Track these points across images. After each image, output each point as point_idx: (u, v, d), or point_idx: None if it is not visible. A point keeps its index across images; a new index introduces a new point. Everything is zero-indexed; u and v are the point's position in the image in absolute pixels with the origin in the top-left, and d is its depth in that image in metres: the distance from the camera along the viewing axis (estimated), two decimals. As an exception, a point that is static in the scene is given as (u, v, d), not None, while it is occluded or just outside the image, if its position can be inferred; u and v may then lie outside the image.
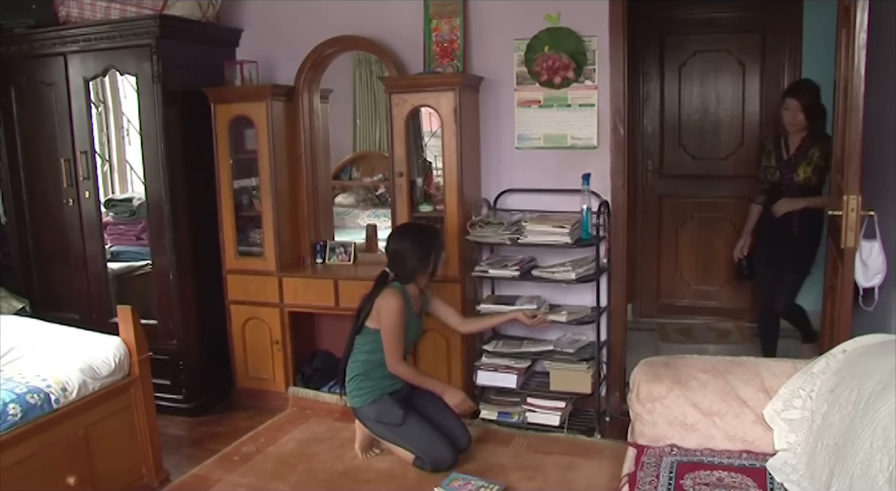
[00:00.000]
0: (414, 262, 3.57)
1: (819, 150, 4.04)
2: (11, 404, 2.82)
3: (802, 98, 4.06)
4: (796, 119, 4.08)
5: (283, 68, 4.53)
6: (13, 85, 4.52)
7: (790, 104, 4.09)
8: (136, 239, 4.92)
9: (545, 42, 3.99)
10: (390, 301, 3.50)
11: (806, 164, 4.07)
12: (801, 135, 4.13)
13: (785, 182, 4.18)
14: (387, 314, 3.49)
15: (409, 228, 3.79)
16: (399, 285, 3.58)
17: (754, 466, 2.48)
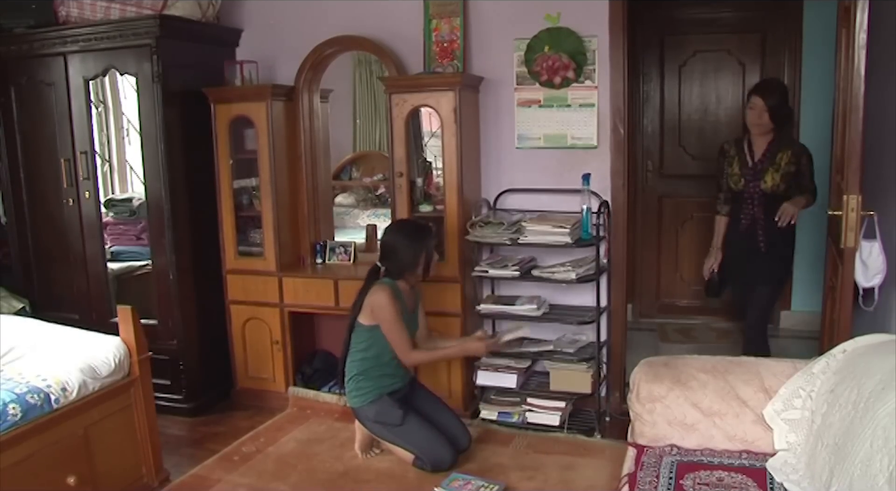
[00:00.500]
0: (405, 258, 3.56)
1: (789, 155, 3.79)
2: (11, 404, 2.82)
3: (768, 97, 3.77)
4: (761, 119, 3.77)
5: (283, 68, 4.53)
6: (13, 85, 4.52)
7: (755, 103, 3.79)
8: (136, 239, 4.92)
9: (545, 42, 3.99)
10: (380, 296, 3.50)
11: (774, 170, 3.78)
12: (766, 138, 3.83)
13: (749, 191, 3.85)
14: (380, 310, 3.49)
15: (406, 224, 3.80)
16: (389, 281, 3.57)
17: (754, 466, 2.48)
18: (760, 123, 3.79)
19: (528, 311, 3.90)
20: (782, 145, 3.82)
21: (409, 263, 3.57)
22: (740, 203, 3.91)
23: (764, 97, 3.76)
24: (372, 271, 3.64)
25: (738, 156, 3.89)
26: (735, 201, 3.95)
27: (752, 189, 3.84)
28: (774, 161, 3.79)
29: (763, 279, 3.96)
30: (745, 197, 3.87)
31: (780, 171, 3.78)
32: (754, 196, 3.84)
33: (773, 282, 4.00)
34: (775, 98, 3.77)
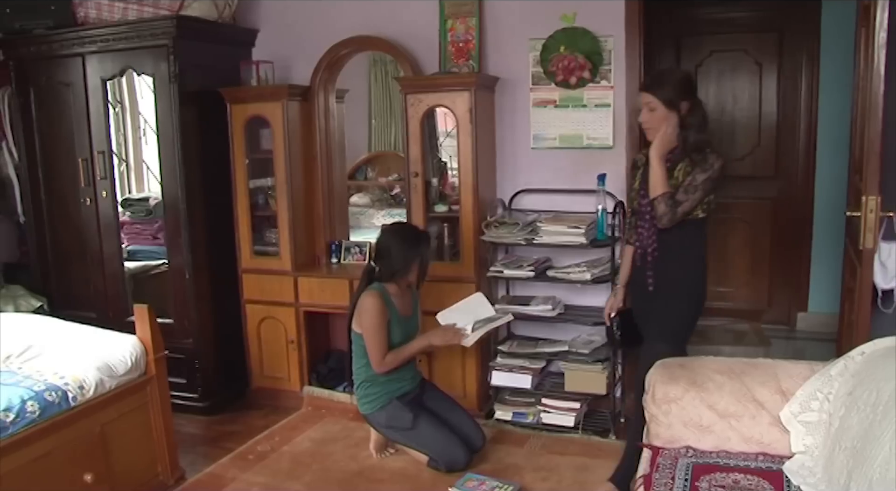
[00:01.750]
0: (397, 262, 3.54)
1: (687, 166, 2.99)
2: (30, 402, 2.85)
3: (659, 91, 2.99)
4: (651, 120, 3.02)
5: (298, 68, 4.54)
6: (32, 85, 4.55)
7: (645, 99, 3.04)
8: (152, 238, 4.95)
9: (561, 42, 3.98)
10: (366, 303, 3.49)
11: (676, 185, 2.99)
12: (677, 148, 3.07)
13: (642, 212, 3.09)
14: (365, 317, 3.49)
15: (402, 228, 3.77)
16: (378, 285, 3.56)
17: (771, 469, 2.46)
18: (651, 126, 3.04)
19: (543, 311, 3.89)
20: (685, 156, 3.02)
21: (401, 268, 3.55)
22: (636, 228, 3.18)
23: (654, 91, 3.01)
24: (367, 271, 3.65)
25: (643, 167, 3.15)
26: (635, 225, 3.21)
27: (644, 209, 3.09)
28: (673, 175, 3.00)
29: (649, 331, 3.17)
30: (640, 220, 3.13)
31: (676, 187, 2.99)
32: (648, 220, 3.08)
33: (662, 337, 3.07)
34: (669, 92, 2.99)
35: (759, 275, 5.55)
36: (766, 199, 5.49)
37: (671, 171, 3.00)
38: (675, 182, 2.98)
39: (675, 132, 3.00)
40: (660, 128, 2.99)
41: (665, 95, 2.98)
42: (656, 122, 3.00)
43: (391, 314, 3.53)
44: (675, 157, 3.02)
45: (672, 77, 3.10)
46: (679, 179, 2.98)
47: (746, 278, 5.59)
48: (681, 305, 3.10)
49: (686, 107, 3.00)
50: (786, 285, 5.48)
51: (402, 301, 3.62)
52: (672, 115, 2.99)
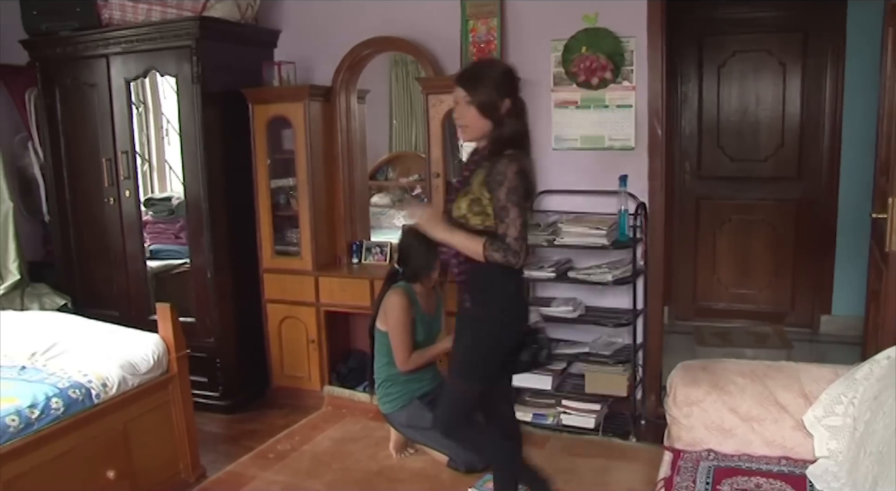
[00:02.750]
0: (419, 261, 3.55)
1: (484, 175, 2.58)
2: (54, 398, 2.88)
3: (471, 88, 2.62)
4: (463, 118, 2.66)
5: (320, 69, 4.55)
6: (58, 86, 4.60)
7: (457, 95, 2.66)
8: (174, 238, 4.98)
9: (582, 43, 3.96)
10: (393, 301, 3.50)
11: (464, 194, 2.65)
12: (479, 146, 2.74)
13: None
14: (391, 315, 3.50)
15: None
16: (404, 284, 3.57)
17: (794, 473, 2.44)
18: (464, 123, 2.68)
19: (564, 312, 3.88)
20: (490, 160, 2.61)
21: (424, 267, 3.56)
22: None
23: (467, 89, 2.63)
24: (390, 273, 3.65)
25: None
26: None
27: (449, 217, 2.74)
28: (470, 181, 2.65)
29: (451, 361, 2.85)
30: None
31: (468, 195, 2.63)
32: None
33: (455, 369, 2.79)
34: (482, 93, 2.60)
35: (782, 277, 5.51)
36: (789, 200, 5.44)
37: (469, 179, 2.65)
38: (469, 188, 2.63)
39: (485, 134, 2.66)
40: (474, 125, 2.64)
41: (479, 97, 2.60)
42: (470, 120, 2.64)
43: (416, 313, 3.54)
44: (478, 164, 2.66)
45: (491, 72, 2.69)
46: (473, 188, 2.61)
47: (769, 280, 5.54)
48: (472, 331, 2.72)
49: (506, 106, 2.63)
50: (809, 288, 5.43)
51: (427, 301, 3.62)
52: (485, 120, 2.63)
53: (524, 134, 2.70)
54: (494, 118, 2.62)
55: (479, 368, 2.71)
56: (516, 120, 2.66)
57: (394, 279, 3.61)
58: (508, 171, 2.53)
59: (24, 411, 2.78)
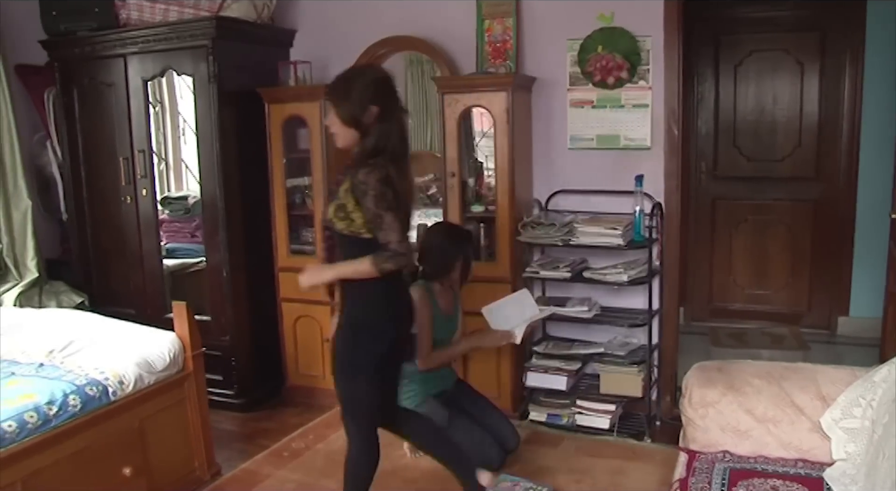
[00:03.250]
0: (440, 261, 3.54)
1: (350, 181, 2.58)
2: (72, 395, 2.90)
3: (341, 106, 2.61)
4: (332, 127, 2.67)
5: (336, 68, 4.51)
6: (76, 86, 4.63)
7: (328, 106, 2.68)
8: (190, 236, 5.01)
9: (598, 42, 3.96)
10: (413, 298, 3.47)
11: (332, 200, 2.72)
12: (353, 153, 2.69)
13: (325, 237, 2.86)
14: None
15: (445, 227, 3.78)
16: (423, 282, 3.55)
17: (810, 476, 2.42)
18: (331, 132, 2.70)
19: (579, 313, 3.87)
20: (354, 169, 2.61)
21: (445, 267, 3.55)
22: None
23: (328, 97, 2.66)
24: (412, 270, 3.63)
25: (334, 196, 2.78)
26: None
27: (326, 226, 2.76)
28: (339, 189, 2.66)
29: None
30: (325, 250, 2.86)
31: (335, 201, 2.66)
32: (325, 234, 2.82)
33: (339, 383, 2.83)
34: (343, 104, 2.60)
35: (799, 278, 5.47)
36: (806, 200, 5.40)
37: (339, 186, 2.67)
38: (337, 194, 2.65)
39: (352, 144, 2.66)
40: (341, 134, 2.65)
41: (341, 108, 2.61)
42: (336, 129, 2.66)
43: (435, 312, 3.53)
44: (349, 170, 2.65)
45: (356, 81, 2.64)
46: (340, 194, 2.62)
47: (785, 281, 5.51)
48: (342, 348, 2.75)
49: (373, 114, 2.60)
50: (826, 289, 5.39)
51: (445, 300, 3.61)
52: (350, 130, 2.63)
53: (401, 139, 2.69)
54: (360, 127, 2.61)
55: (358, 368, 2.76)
56: (387, 125, 2.62)
57: (413, 277, 3.61)
58: (370, 179, 2.53)
59: (43, 408, 2.80)
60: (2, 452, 2.63)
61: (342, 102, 2.61)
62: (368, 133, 2.61)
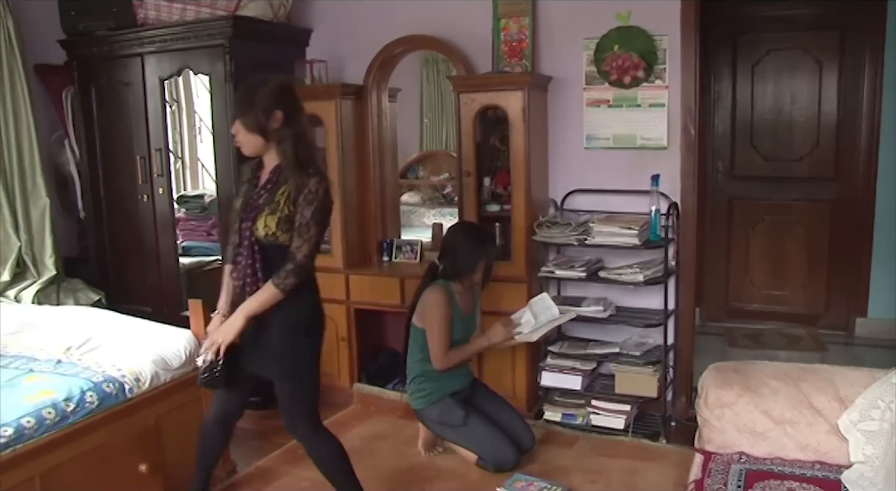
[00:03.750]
0: (463, 260, 3.52)
1: (291, 190, 2.61)
2: (89, 392, 2.92)
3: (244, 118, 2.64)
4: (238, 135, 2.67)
5: (351, 67, 4.57)
6: (94, 85, 4.67)
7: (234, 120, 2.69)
8: (206, 234, 5.04)
9: (615, 41, 3.94)
10: (432, 298, 3.48)
11: (270, 212, 2.63)
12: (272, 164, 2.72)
13: (243, 237, 2.70)
14: (429, 312, 3.48)
15: (468, 227, 3.78)
16: (444, 282, 3.54)
17: (828, 478, 2.41)
18: (237, 141, 2.71)
19: (595, 312, 3.86)
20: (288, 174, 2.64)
21: (467, 267, 3.53)
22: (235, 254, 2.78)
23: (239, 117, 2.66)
24: (430, 269, 3.63)
25: (249, 182, 2.79)
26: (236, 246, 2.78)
27: (247, 235, 2.69)
28: (274, 198, 2.65)
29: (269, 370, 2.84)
30: (239, 246, 2.73)
31: (276, 213, 2.63)
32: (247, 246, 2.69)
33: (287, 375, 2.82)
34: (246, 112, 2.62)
35: (816, 278, 5.43)
36: (824, 201, 5.36)
37: (272, 195, 2.65)
38: (276, 205, 2.63)
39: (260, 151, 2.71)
40: (246, 143, 2.67)
41: (243, 117, 2.63)
42: (241, 138, 2.67)
43: (454, 312, 3.52)
44: (278, 178, 2.67)
45: (261, 90, 2.64)
46: (280, 204, 2.62)
47: (802, 282, 5.47)
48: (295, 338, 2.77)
49: (278, 119, 2.63)
50: (844, 290, 5.35)
51: (464, 299, 3.60)
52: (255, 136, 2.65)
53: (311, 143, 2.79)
54: (265, 134, 2.63)
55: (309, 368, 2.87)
56: (293, 130, 2.65)
57: (433, 275, 3.60)
58: (320, 189, 2.61)
59: (60, 404, 2.82)
60: (20, 447, 2.65)
61: (247, 110, 2.62)
62: (279, 139, 2.64)
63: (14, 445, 2.63)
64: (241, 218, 2.72)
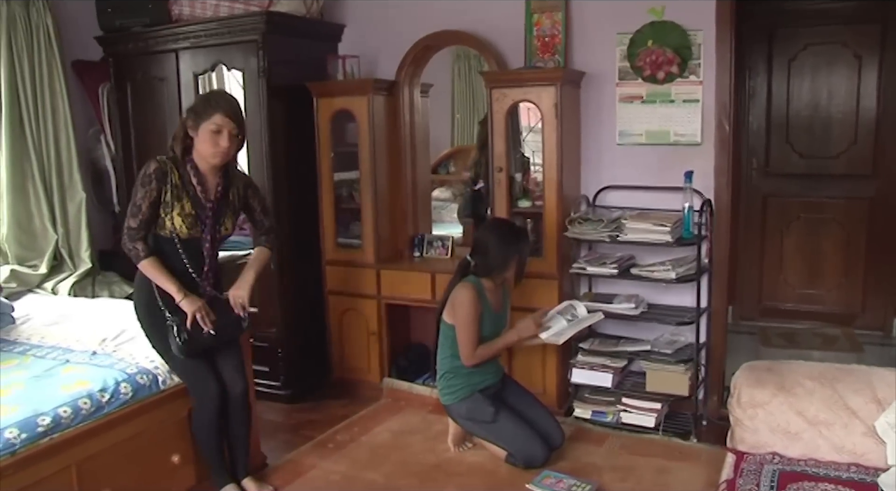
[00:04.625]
0: (495, 258, 3.50)
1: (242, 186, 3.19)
2: (123, 384, 2.97)
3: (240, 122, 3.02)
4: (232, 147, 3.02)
5: (384, 63, 4.58)
6: (129, 80, 4.72)
7: (229, 127, 2.96)
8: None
9: (649, 36, 3.91)
10: (462, 295, 3.46)
11: (231, 213, 3.15)
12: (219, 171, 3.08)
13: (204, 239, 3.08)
14: (459, 309, 3.47)
15: (502, 224, 3.76)
16: (474, 279, 3.53)
17: (864, 481, 2.37)
18: (225, 152, 3.00)
19: (626, 310, 3.83)
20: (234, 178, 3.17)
21: (499, 265, 3.51)
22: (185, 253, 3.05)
23: (236, 121, 2.99)
24: (462, 265, 3.62)
25: (186, 188, 3.02)
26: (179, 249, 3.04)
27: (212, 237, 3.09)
28: (229, 201, 3.14)
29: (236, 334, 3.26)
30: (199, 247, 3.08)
31: (233, 214, 3.17)
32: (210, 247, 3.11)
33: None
34: (244, 127, 3.06)
35: (853, 277, 5.34)
36: (861, 198, 5.27)
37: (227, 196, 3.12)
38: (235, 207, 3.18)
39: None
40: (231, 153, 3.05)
41: (244, 131, 3.07)
42: (234, 149, 3.05)
43: (484, 308, 3.51)
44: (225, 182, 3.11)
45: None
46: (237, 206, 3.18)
47: (838, 281, 5.39)
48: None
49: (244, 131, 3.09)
50: (882, 289, 5.25)
51: (495, 296, 3.59)
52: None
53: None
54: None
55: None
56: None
57: (465, 271, 3.59)
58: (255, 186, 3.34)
59: (96, 395, 2.87)
60: (57, 437, 2.70)
61: (244, 126, 3.06)
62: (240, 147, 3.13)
63: (51, 435, 2.69)
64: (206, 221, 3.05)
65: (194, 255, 3.08)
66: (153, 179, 2.96)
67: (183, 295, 3.00)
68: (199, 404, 3.10)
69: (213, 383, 3.09)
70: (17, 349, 3.39)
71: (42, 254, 4.55)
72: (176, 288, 3.00)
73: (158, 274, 3.00)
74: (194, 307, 3.00)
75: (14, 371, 3.08)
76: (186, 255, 3.05)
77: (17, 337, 3.57)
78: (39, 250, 4.56)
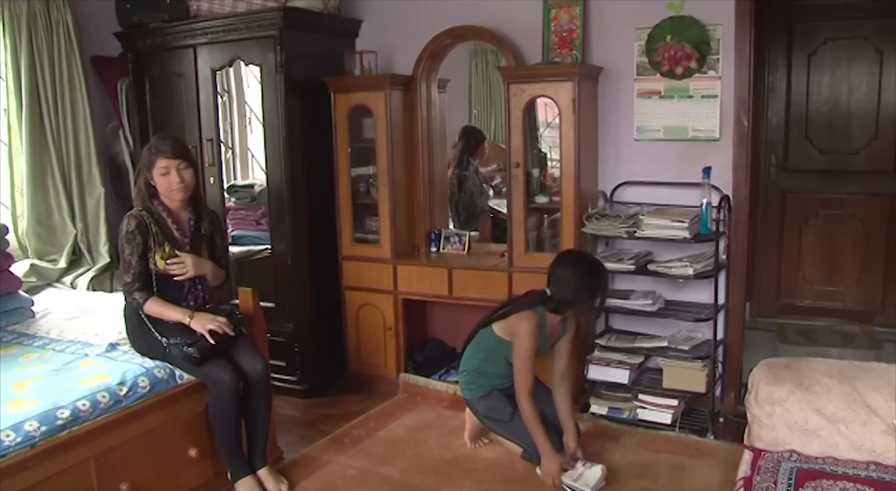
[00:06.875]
0: (572, 299, 3.31)
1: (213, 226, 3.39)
2: (141, 378, 3.00)
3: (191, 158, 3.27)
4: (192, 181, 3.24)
5: (401, 58, 4.58)
6: (147, 76, 4.74)
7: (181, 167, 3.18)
8: (255, 224, 5.09)
9: (667, 31, 3.88)
10: (524, 326, 3.31)
11: (207, 244, 3.36)
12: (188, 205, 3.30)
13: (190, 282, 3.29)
14: (520, 340, 3.33)
15: (582, 260, 3.43)
16: (542, 311, 3.36)
17: (883, 480, 2.35)
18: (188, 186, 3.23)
19: (643, 306, 3.82)
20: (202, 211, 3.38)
21: (571, 304, 3.33)
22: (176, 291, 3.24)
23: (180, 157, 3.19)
24: (538, 295, 3.39)
25: (165, 232, 3.22)
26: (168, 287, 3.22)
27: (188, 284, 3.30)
28: (202, 234, 3.34)
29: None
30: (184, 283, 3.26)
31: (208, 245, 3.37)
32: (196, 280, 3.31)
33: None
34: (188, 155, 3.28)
35: (872, 275, 5.29)
36: (882, 195, 5.21)
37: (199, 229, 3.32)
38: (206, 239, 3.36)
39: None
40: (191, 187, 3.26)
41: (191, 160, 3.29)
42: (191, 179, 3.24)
43: (540, 341, 3.36)
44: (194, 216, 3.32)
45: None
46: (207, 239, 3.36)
47: (857, 278, 5.34)
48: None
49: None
50: (902, 286, 5.21)
51: (553, 330, 3.44)
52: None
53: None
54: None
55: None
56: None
57: (538, 301, 3.39)
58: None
59: (114, 388, 2.89)
60: (76, 429, 2.73)
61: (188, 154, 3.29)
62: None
63: (70, 428, 2.71)
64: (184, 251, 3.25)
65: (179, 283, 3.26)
66: (136, 235, 3.16)
67: (189, 317, 3.14)
68: (217, 393, 3.11)
69: (228, 370, 3.11)
70: (36, 343, 3.42)
71: (61, 248, 4.59)
72: (181, 314, 3.15)
73: (162, 310, 3.16)
74: (204, 321, 3.13)
75: (34, 365, 3.11)
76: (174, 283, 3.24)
77: (36, 331, 3.61)
78: (58, 245, 4.60)
